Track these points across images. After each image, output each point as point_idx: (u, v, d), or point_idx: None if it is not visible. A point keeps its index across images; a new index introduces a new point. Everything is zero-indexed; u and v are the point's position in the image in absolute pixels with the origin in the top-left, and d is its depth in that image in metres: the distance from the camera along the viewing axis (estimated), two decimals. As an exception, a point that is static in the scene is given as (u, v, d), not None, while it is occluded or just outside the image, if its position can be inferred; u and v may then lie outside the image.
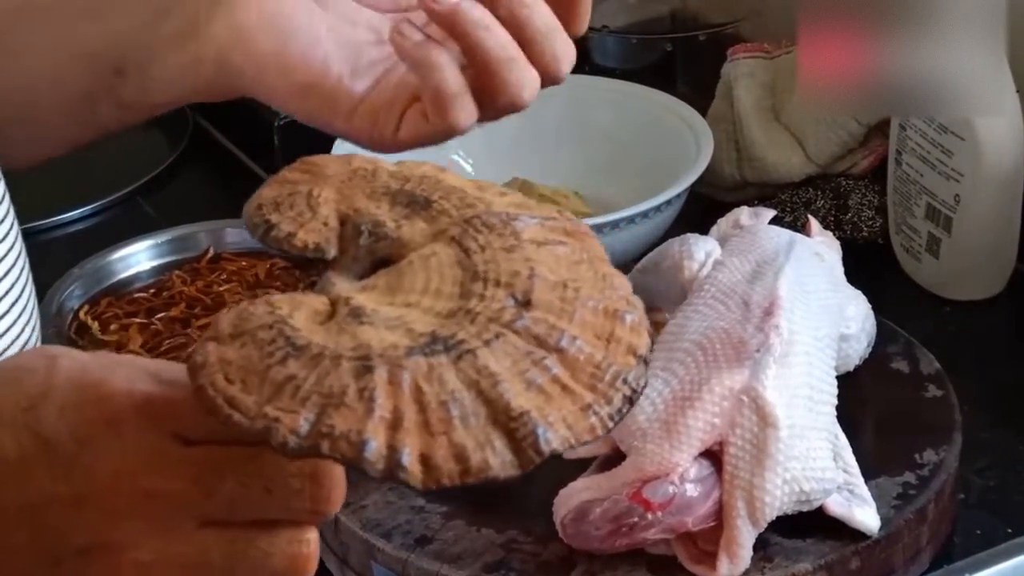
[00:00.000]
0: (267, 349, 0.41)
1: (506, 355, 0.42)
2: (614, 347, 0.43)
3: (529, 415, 0.41)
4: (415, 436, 0.40)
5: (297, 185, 0.48)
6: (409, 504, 0.77)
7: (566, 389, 0.42)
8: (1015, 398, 0.92)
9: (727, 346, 0.73)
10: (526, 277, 0.44)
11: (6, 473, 0.43)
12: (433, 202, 0.47)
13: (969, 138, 0.96)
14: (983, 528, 0.80)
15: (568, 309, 0.43)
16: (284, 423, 0.40)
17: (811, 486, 0.70)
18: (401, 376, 0.41)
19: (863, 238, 1.05)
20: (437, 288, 0.44)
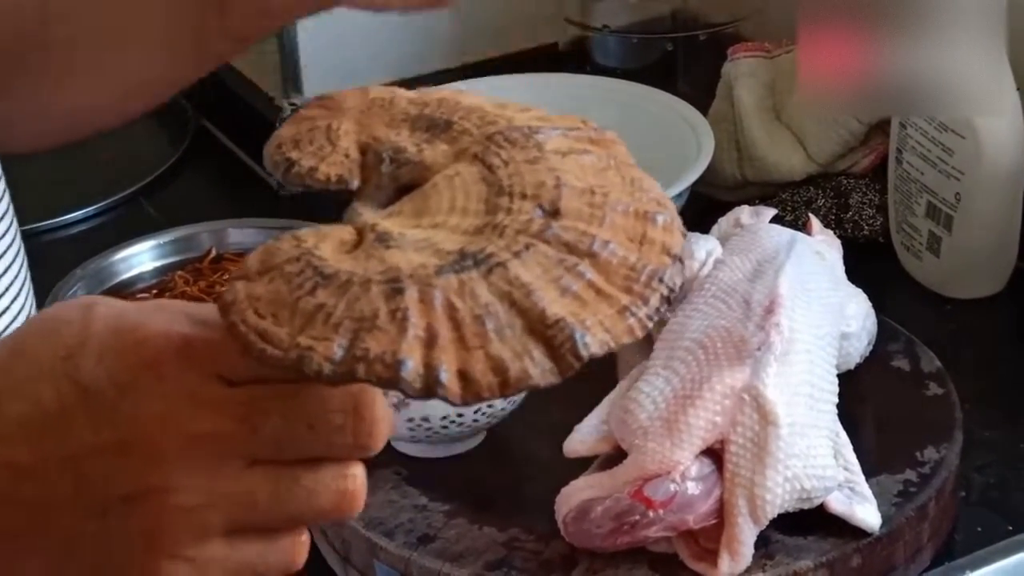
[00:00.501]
0: (296, 281, 0.41)
1: (537, 264, 0.41)
2: (647, 248, 0.43)
3: (565, 321, 0.40)
4: (451, 352, 0.40)
5: (316, 121, 0.48)
6: (412, 503, 0.77)
7: (601, 293, 0.41)
8: (1016, 396, 0.92)
9: (728, 344, 0.73)
10: (552, 187, 0.43)
11: (47, 425, 0.43)
12: (453, 123, 0.46)
13: (970, 136, 0.96)
14: (984, 525, 0.80)
15: (598, 214, 0.43)
16: (318, 351, 0.40)
17: (812, 484, 0.71)
18: (432, 294, 0.40)
19: (864, 237, 1.05)
20: (463, 206, 0.43)
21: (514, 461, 0.82)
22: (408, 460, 0.80)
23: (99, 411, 0.42)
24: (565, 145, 0.45)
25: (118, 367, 0.42)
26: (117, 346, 0.43)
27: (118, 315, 0.44)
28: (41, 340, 0.44)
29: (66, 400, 0.43)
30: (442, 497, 0.77)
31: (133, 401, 0.42)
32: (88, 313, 0.44)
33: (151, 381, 0.42)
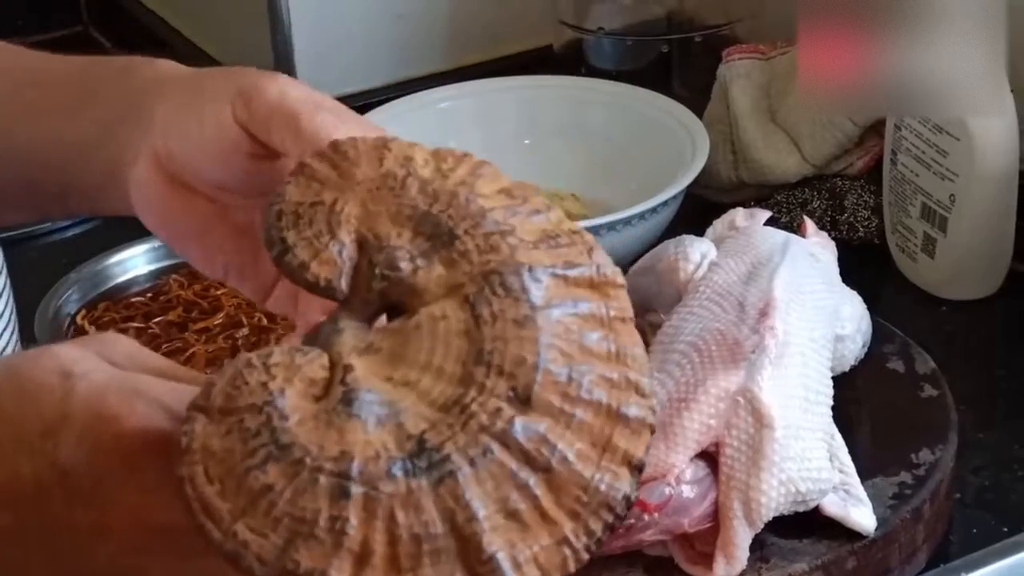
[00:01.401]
0: (251, 444, 0.41)
1: (490, 477, 0.41)
2: (607, 458, 0.42)
3: (496, 560, 0.40)
4: (381, 571, 0.40)
5: (323, 190, 0.47)
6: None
7: (546, 517, 0.41)
8: (1011, 397, 0.92)
9: (723, 347, 0.73)
10: (531, 367, 0.42)
11: (25, 496, 0.44)
12: (457, 238, 0.45)
13: (964, 138, 0.96)
14: (979, 527, 0.80)
15: (567, 411, 0.42)
16: (252, 548, 0.40)
17: (807, 486, 0.71)
18: (377, 505, 0.40)
19: (859, 238, 1.05)
20: (439, 365, 0.43)
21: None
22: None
23: (76, 494, 0.44)
24: (560, 294, 0.44)
25: (95, 456, 0.44)
26: (95, 435, 0.44)
27: (98, 398, 0.44)
28: (18, 408, 0.45)
29: (42, 477, 0.44)
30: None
31: (108, 490, 0.44)
32: (69, 387, 0.45)
33: (126, 474, 0.44)
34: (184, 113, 0.56)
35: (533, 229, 0.46)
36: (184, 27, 1.40)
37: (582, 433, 0.42)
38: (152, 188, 0.57)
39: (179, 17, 1.41)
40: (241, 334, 0.94)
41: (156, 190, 0.57)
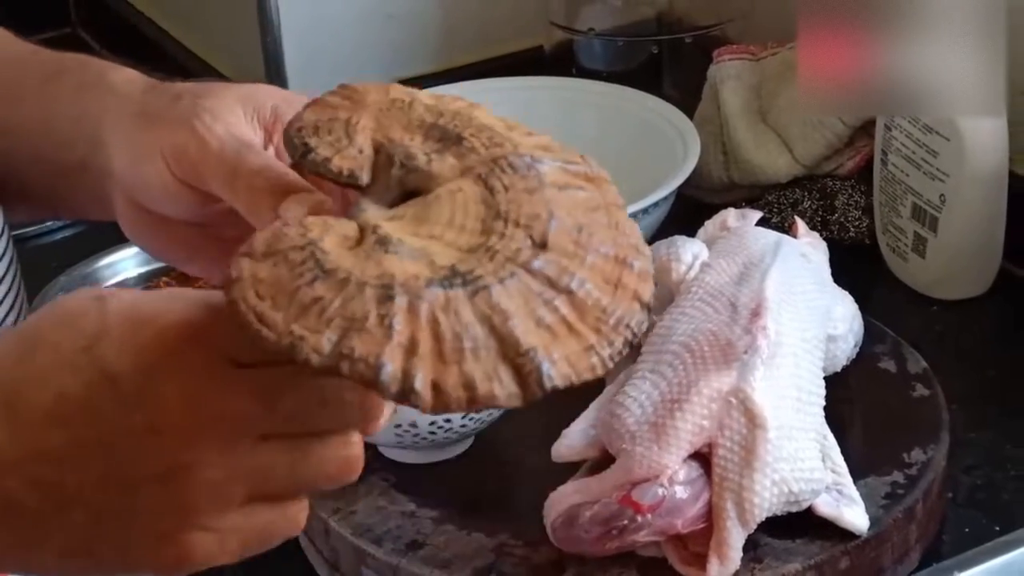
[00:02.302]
0: (297, 270, 0.44)
1: (519, 293, 0.44)
2: (620, 292, 0.46)
3: (535, 351, 0.43)
4: (428, 363, 0.42)
5: (337, 111, 0.50)
6: (400, 509, 0.77)
7: (572, 329, 0.44)
8: (1002, 396, 0.92)
9: (715, 348, 0.73)
10: (544, 219, 0.46)
11: (74, 412, 0.45)
12: (464, 139, 0.49)
13: (954, 138, 0.96)
14: (971, 526, 0.80)
15: (580, 253, 0.46)
16: (309, 342, 0.42)
17: (800, 487, 0.71)
18: (420, 306, 0.43)
19: (850, 238, 1.05)
20: (461, 223, 0.46)
21: (502, 466, 0.82)
22: (396, 466, 0.80)
23: (127, 396, 0.45)
24: (563, 179, 0.48)
25: (140, 355, 0.45)
26: (137, 336, 0.45)
27: (132, 306, 0.46)
28: (57, 331, 0.46)
29: (93, 388, 0.45)
30: (430, 503, 0.77)
31: (158, 386, 0.45)
32: (102, 305, 0.46)
33: (173, 366, 0.45)
34: (134, 164, 0.56)
35: (530, 143, 0.50)
36: (173, 28, 1.40)
37: (595, 272, 0.46)
38: (134, 223, 0.58)
39: (168, 18, 1.41)
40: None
41: (138, 225, 0.58)
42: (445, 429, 0.78)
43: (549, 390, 0.43)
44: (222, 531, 0.46)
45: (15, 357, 0.46)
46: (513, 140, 0.49)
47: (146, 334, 0.45)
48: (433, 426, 0.78)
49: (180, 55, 1.35)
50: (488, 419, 0.80)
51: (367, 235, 0.45)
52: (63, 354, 0.45)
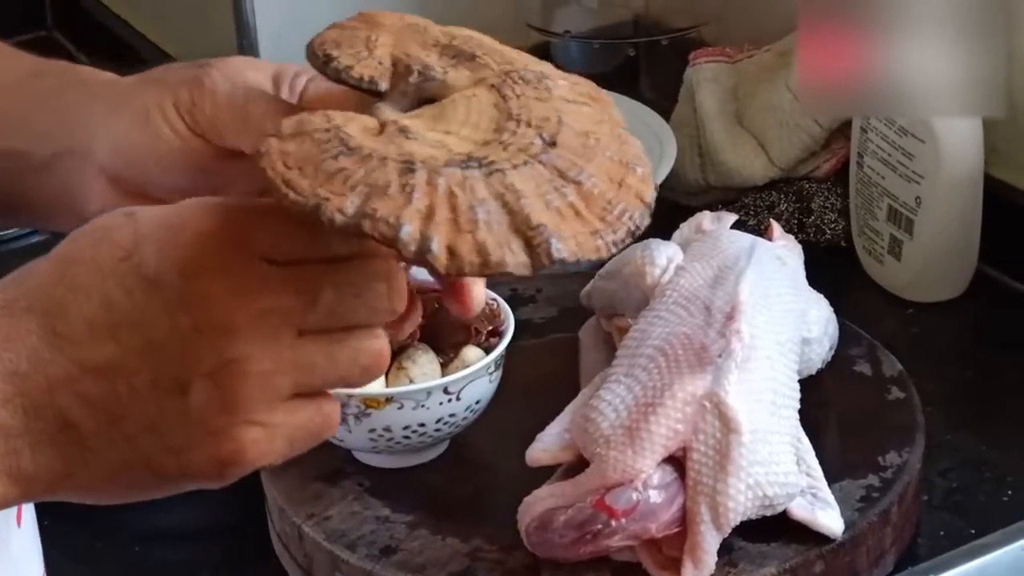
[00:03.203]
0: (324, 146, 0.47)
1: (531, 179, 0.47)
2: (624, 190, 0.48)
3: (545, 227, 0.46)
4: (445, 229, 0.45)
5: (356, 30, 0.54)
6: (374, 514, 0.76)
7: (579, 215, 0.47)
8: (977, 399, 0.92)
9: (689, 352, 0.73)
10: (555, 122, 0.49)
11: (120, 321, 0.46)
12: (477, 56, 0.52)
13: (929, 140, 0.96)
14: (947, 529, 0.80)
15: (588, 154, 0.49)
16: (333, 203, 0.45)
17: (774, 491, 0.70)
18: (438, 180, 0.46)
19: (826, 241, 1.05)
20: (475, 122, 0.49)
21: (476, 471, 0.81)
22: (370, 471, 0.80)
23: (171, 298, 0.46)
24: (570, 95, 0.51)
25: (181, 259, 0.46)
26: (175, 241, 0.46)
27: (164, 215, 0.47)
28: (94, 246, 0.47)
29: (136, 295, 0.46)
30: (405, 508, 0.77)
31: (201, 285, 0.46)
32: (133, 218, 0.47)
33: (215, 267, 0.46)
34: (134, 128, 0.56)
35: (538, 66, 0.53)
36: (149, 31, 1.39)
37: (601, 170, 0.49)
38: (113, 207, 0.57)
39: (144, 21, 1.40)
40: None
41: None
42: (419, 434, 0.78)
43: (556, 261, 0.46)
44: (271, 426, 0.47)
45: (54, 278, 0.47)
46: (522, 60, 0.52)
47: (184, 239, 0.46)
48: (407, 430, 0.78)
49: (156, 57, 1.34)
50: (463, 423, 0.79)
51: (388, 127, 0.49)
52: (103, 266, 0.46)
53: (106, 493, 0.49)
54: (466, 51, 0.53)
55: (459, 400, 0.78)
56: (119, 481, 0.48)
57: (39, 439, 0.47)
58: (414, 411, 0.77)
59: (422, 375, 0.77)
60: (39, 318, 0.47)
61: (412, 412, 0.77)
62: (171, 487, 0.49)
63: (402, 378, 0.77)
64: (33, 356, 0.46)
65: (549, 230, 0.46)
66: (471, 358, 0.78)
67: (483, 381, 0.79)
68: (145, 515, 0.87)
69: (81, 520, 0.86)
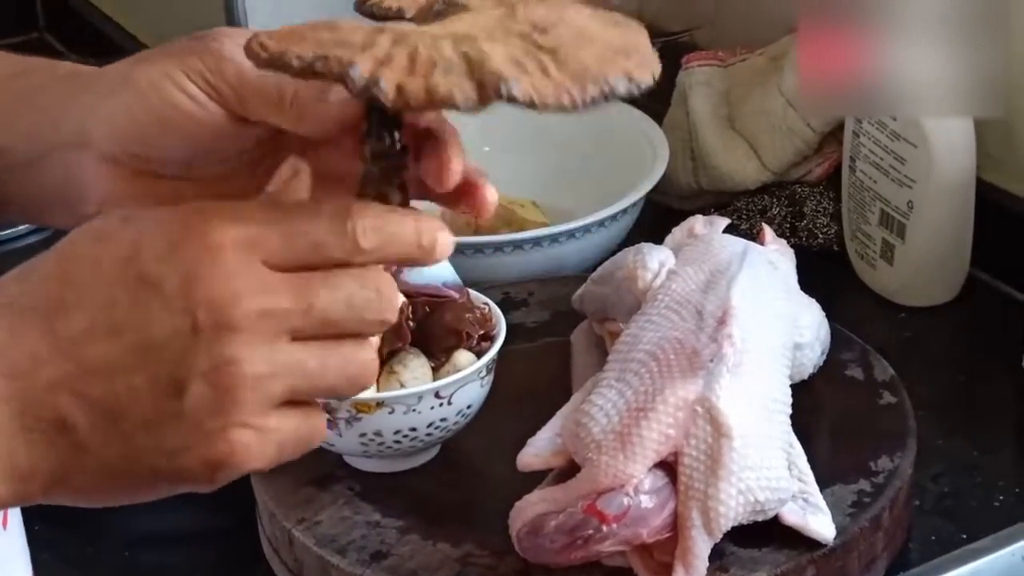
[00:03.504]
0: (312, 25, 0.48)
1: (504, 47, 0.47)
2: (609, 64, 0.47)
3: (501, 72, 0.46)
4: (396, 72, 0.46)
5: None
6: (365, 519, 0.76)
7: (547, 73, 0.46)
8: (969, 404, 0.92)
9: (681, 356, 0.73)
10: (554, 20, 0.49)
11: (120, 321, 0.47)
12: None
13: (922, 144, 0.96)
14: (938, 534, 0.80)
15: (580, 41, 0.48)
16: (294, 51, 0.47)
17: (766, 496, 0.70)
18: (405, 38, 0.47)
19: (818, 245, 1.05)
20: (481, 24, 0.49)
21: (467, 476, 0.81)
22: (361, 475, 0.80)
23: (171, 300, 0.46)
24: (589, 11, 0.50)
25: (181, 260, 0.47)
26: (176, 243, 0.47)
27: (165, 219, 0.48)
28: (95, 247, 0.48)
29: (137, 296, 0.47)
30: (395, 513, 0.76)
31: (202, 287, 0.46)
32: (133, 220, 0.48)
33: (214, 267, 0.47)
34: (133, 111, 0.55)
35: None
36: (140, 33, 1.39)
37: (588, 53, 0.47)
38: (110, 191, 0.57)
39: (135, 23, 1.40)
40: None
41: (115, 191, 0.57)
42: (410, 438, 0.78)
43: (506, 97, 0.45)
44: (264, 431, 0.47)
45: (56, 276, 0.48)
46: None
47: (183, 239, 0.47)
48: (398, 435, 0.78)
49: (147, 60, 1.33)
50: (454, 427, 0.79)
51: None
52: (105, 267, 0.47)
53: (100, 495, 0.49)
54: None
55: (450, 404, 0.78)
56: (114, 482, 0.48)
57: (36, 439, 0.47)
58: (405, 415, 0.77)
59: (413, 379, 0.77)
60: (40, 317, 0.47)
61: (403, 416, 0.77)
62: (164, 489, 0.49)
63: (393, 382, 0.77)
64: (33, 355, 0.47)
65: (505, 74, 0.46)
66: (462, 362, 0.78)
67: (474, 385, 0.78)
68: (136, 519, 0.87)
69: (72, 524, 0.86)
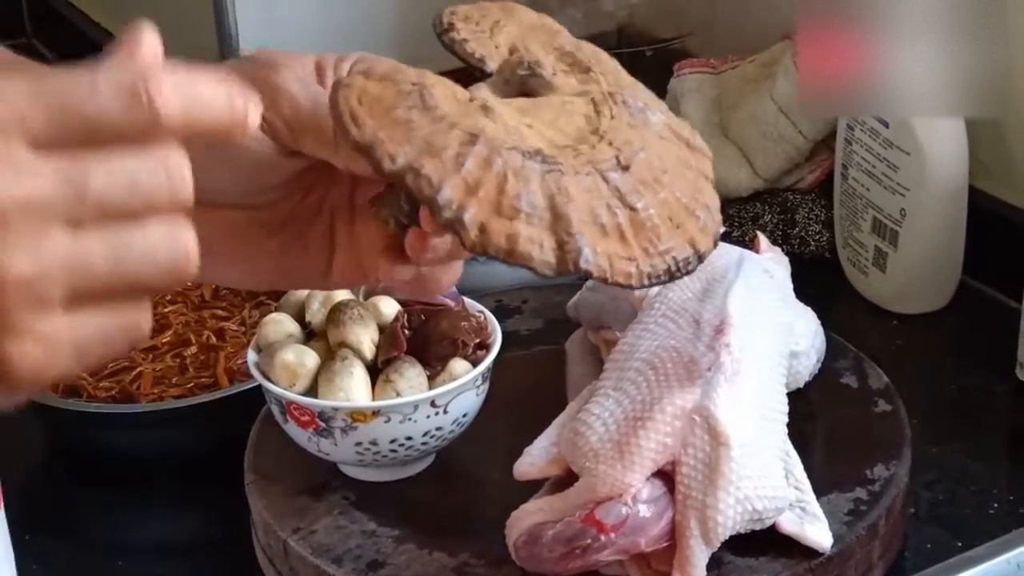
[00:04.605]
0: (403, 97, 0.48)
1: (587, 190, 0.48)
2: (679, 232, 0.49)
3: (582, 235, 0.47)
4: (484, 207, 0.46)
5: (490, 11, 0.55)
6: (360, 528, 0.76)
7: (623, 238, 0.48)
8: (963, 411, 0.92)
9: (678, 365, 0.72)
10: (635, 148, 0.50)
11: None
12: (592, 70, 0.53)
13: (914, 152, 0.96)
14: (933, 542, 0.80)
15: (656, 187, 0.49)
16: (387, 147, 0.47)
17: (763, 504, 0.70)
18: (495, 160, 0.47)
19: (811, 252, 1.05)
20: (561, 127, 0.50)
21: (464, 484, 0.81)
22: (356, 485, 0.79)
23: None
24: (666, 132, 0.52)
25: None
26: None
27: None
28: None
29: None
30: (391, 522, 0.76)
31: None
32: None
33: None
34: None
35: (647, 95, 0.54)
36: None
37: (663, 207, 0.49)
38: None
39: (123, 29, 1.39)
40: (189, 352, 0.93)
41: None
42: (406, 447, 0.78)
43: (582, 271, 0.46)
44: (46, 335, 0.41)
45: None
46: (634, 89, 0.53)
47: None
48: (394, 444, 0.77)
49: (136, 66, 1.33)
50: (450, 436, 0.79)
51: (474, 100, 0.49)
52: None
53: None
54: (583, 63, 0.53)
55: (446, 413, 0.77)
56: None
57: None
58: (401, 424, 0.76)
59: (409, 388, 0.76)
60: None
61: (399, 425, 0.76)
62: None
63: (389, 391, 0.76)
64: None
65: (585, 239, 0.47)
66: (458, 371, 0.78)
67: (470, 394, 0.78)
68: (128, 529, 0.87)
69: (63, 535, 0.85)
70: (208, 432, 0.88)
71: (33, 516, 0.85)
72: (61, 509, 0.87)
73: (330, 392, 0.76)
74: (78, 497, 0.89)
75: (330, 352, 0.78)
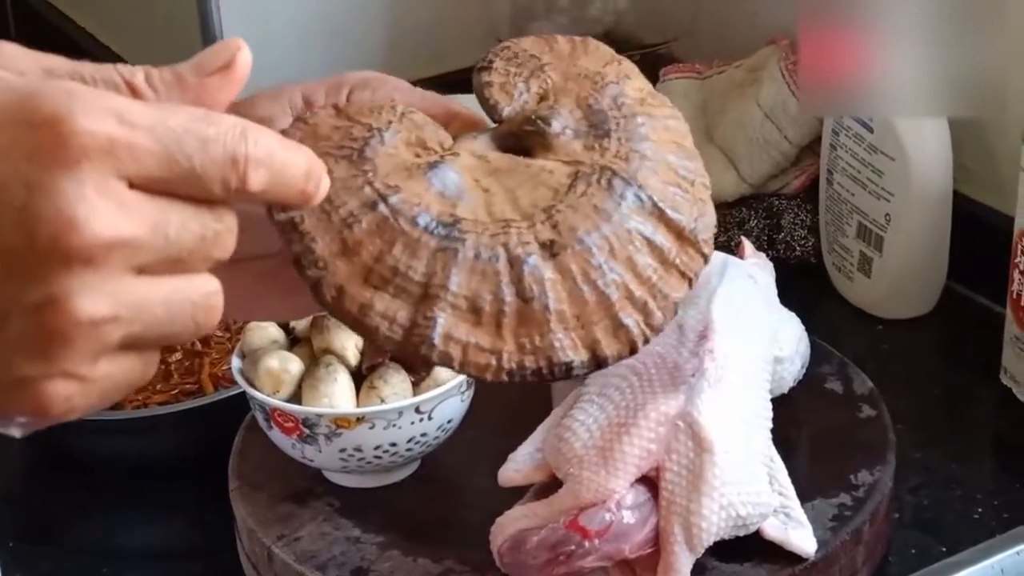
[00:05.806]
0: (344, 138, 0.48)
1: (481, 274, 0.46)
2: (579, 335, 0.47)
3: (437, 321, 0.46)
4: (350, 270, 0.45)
5: (547, 53, 0.54)
6: (344, 535, 0.76)
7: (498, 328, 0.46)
8: (947, 416, 0.92)
9: (662, 371, 0.73)
10: (576, 238, 0.48)
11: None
12: (609, 137, 0.51)
13: (899, 157, 0.96)
14: (917, 547, 0.81)
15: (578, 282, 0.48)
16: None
17: (747, 511, 0.70)
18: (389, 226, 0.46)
19: (796, 257, 1.06)
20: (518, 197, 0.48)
21: (448, 491, 0.81)
22: (341, 491, 0.79)
23: (6, 213, 0.38)
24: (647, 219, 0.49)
25: (30, 163, 0.38)
26: (29, 141, 0.38)
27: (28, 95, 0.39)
28: None
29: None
30: (375, 528, 0.76)
31: (47, 202, 0.38)
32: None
33: (66, 182, 0.38)
34: None
35: (673, 176, 0.51)
36: (114, 43, 1.38)
37: (575, 305, 0.47)
38: None
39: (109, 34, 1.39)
40: (174, 358, 0.93)
41: None
42: (391, 453, 0.78)
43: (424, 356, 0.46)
44: (89, 380, 0.40)
45: None
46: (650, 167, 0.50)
47: (42, 139, 0.38)
48: (378, 450, 0.77)
49: (122, 71, 1.33)
50: (434, 442, 0.79)
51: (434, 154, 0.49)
52: None
53: None
54: (606, 127, 0.51)
55: (431, 419, 0.77)
56: None
57: None
58: (385, 431, 0.76)
59: (393, 394, 0.76)
60: None
61: (383, 432, 0.76)
62: None
63: (373, 397, 0.76)
64: None
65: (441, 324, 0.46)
66: (443, 377, 0.78)
67: (455, 400, 0.78)
68: (113, 536, 0.87)
69: (48, 541, 0.85)
70: (192, 438, 0.88)
71: (18, 523, 0.85)
72: (46, 516, 0.87)
73: (314, 398, 0.76)
74: (63, 504, 0.88)
75: (314, 358, 0.78)
